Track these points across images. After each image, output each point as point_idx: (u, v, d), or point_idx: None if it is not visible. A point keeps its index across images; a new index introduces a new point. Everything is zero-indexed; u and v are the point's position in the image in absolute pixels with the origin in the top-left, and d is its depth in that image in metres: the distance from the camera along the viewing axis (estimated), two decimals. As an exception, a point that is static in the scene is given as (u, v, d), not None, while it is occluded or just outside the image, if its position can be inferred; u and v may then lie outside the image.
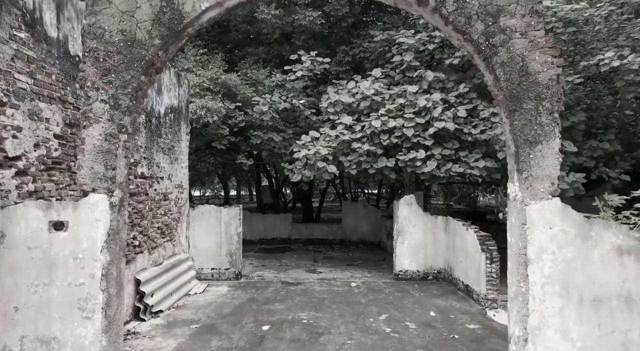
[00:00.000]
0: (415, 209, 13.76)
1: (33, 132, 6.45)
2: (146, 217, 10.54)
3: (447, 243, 13.44)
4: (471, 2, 5.31)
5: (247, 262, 16.24)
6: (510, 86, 5.28)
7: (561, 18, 12.63)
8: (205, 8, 5.36)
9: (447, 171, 13.19)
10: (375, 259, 17.43)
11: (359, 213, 21.39)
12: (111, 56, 5.32)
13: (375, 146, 13.61)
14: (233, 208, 13.81)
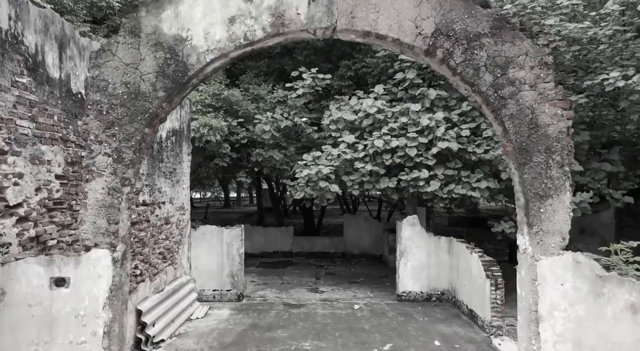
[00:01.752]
0: (418, 230, 13.68)
1: (34, 176, 6.37)
2: (147, 244, 10.46)
3: (450, 264, 13.36)
4: (479, 54, 5.23)
5: (249, 279, 16.16)
6: (520, 139, 5.20)
7: (565, 36, 12.55)
8: (210, 60, 5.28)
9: (449, 192, 13.11)
10: (378, 275, 17.34)
11: (360, 226, 21.30)
12: (115, 109, 5.23)
13: (377, 166, 13.52)
14: (235, 229, 13.72)
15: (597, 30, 12.66)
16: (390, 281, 15.71)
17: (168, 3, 5.25)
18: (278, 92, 16.54)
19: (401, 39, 5.27)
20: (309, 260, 20.46)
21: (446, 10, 5.24)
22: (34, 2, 6.45)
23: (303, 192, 14.05)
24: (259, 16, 5.30)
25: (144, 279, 10.16)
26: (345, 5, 5.26)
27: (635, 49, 12.52)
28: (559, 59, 13.23)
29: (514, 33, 5.21)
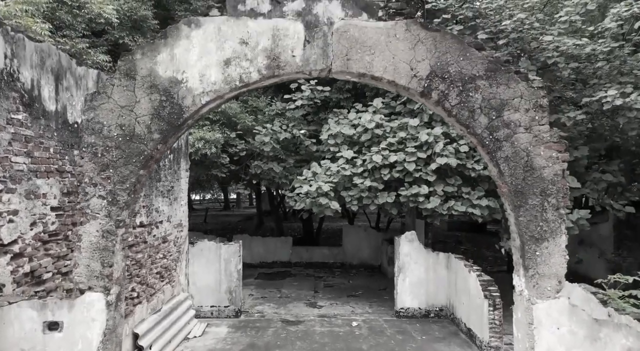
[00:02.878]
0: (417, 246, 13.69)
1: (30, 211, 6.36)
2: (145, 265, 10.45)
3: (448, 280, 13.36)
4: (474, 96, 5.22)
5: (247, 292, 16.14)
6: (515, 181, 5.19)
7: (563, 53, 12.55)
8: (205, 102, 5.27)
9: (449, 209, 13.11)
10: (376, 288, 17.34)
11: (359, 236, 21.29)
12: (109, 151, 5.23)
13: (376, 181, 13.53)
14: (233, 245, 13.73)
15: (595, 46, 12.66)
16: (389, 294, 15.70)
17: (163, 46, 5.24)
18: (276, 105, 16.53)
19: (396, 81, 5.27)
20: (307, 271, 20.47)
21: (441, 52, 5.23)
22: (30, 37, 6.45)
23: (303, 204, 14.06)
24: (255, 58, 5.29)
25: (141, 301, 10.15)
26: (341, 47, 5.26)
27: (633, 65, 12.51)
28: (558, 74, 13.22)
29: (509, 75, 5.20)
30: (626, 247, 17.41)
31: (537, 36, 12.91)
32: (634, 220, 16.73)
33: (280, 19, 5.29)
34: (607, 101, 11.41)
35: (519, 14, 13.01)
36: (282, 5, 5.25)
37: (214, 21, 5.29)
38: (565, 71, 12.81)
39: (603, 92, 11.93)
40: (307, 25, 5.28)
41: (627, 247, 17.38)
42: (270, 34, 5.27)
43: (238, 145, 15.55)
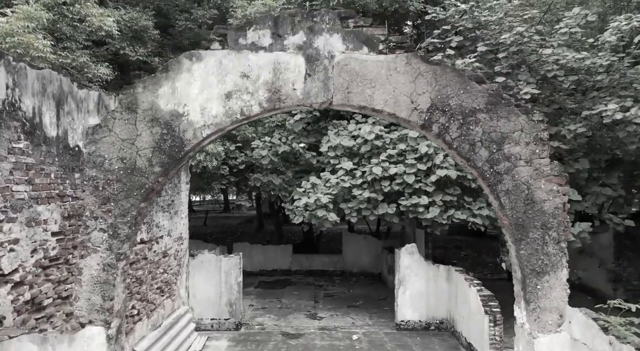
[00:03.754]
0: (417, 258, 13.70)
1: (30, 238, 6.36)
2: (145, 281, 10.45)
3: (449, 293, 13.37)
4: (475, 129, 5.23)
5: (247, 302, 16.14)
6: (516, 214, 5.20)
7: (563, 66, 12.57)
8: (206, 135, 5.28)
9: (449, 217, 13.14)
10: (376, 297, 17.35)
11: (359, 244, 21.31)
12: (111, 184, 5.24)
13: (375, 192, 13.56)
14: (233, 258, 13.74)
15: (595, 59, 12.68)
16: (389, 304, 15.71)
17: (165, 79, 5.25)
18: (276, 116, 16.53)
19: (397, 114, 5.28)
20: (307, 279, 20.48)
21: (442, 85, 5.24)
22: (32, 65, 6.45)
23: (302, 217, 14.08)
24: (256, 92, 5.30)
25: (141, 317, 10.15)
26: (342, 80, 5.27)
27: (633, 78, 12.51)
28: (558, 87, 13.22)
29: (509, 109, 5.21)
30: (626, 257, 17.42)
31: (536, 49, 12.92)
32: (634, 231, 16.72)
33: (281, 53, 5.30)
34: (607, 115, 11.43)
35: (518, 27, 13.02)
36: (283, 39, 5.26)
37: (215, 55, 5.30)
38: (565, 84, 12.82)
39: (603, 105, 11.94)
40: (308, 59, 5.29)
41: (627, 257, 17.39)
42: (272, 67, 5.29)
43: (238, 157, 15.56)
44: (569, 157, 12.79)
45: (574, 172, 12.60)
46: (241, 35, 5.30)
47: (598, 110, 11.64)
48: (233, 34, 5.30)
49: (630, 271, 17.33)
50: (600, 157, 13.50)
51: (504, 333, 10.66)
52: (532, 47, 13.00)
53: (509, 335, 11.23)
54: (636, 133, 11.54)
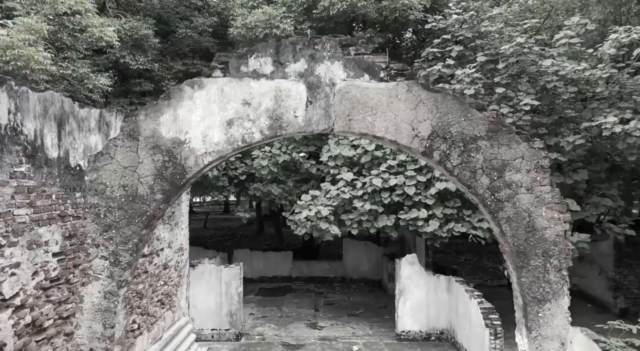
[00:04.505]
0: (418, 269, 13.72)
1: (31, 261, 6.36)
2: (146, 295, 10.46)
3: (449, 304, 13.38)
4: (476, 156, 5.24)
5: (248, 310, 16.15)
6: (517, 242, 5.21)
7: (562, 77, 12.59)
8: (208, 162, 5.29)
9: (449, 230, 13.15)
10: (377, 306, 17.37)
11: (359, 251, 21.32)
12: (112, 212, 5.25)
13: (376, 204, 13.56)
14: (233, 268, 13.76)
15: (595, 71, 12.69)
16: (390, 313, 15.72)
17: (167, 107, 5.26)
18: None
19: (398, 141, 5.29)
20: (308, 286, 20.48)
21: (442, 113, 5.25)
22: (34, 88, 6.45)
23: (303, 228, 14.09)
24: (257, 119, 5.32)
25: (142, 331, 10.16)
26: (343, 108, 5.28)
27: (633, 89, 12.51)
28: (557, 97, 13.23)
29: (510, 136, 5.22)
30: (626, 265, 17.44)
31: (536, 60, 12.94)
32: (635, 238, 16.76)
33: (282, 80, 5.31)
34: (606, 128, 11.45)
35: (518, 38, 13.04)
36: (285, 66, 5.27)
37: (217, 82, 5.31)
38: (564, 95, 12.84)
39: (602, 117, 11.96)
40: (309, 86, 5.30)
41: (628, 265, 17.41)
42: (273, 94, 5.30)
43: (238, 167, 15.57)
44: (568, 167, 12.81)
45: (572, 182, 12.62)
46: (243, 62, 5.31)
47: (597, 123, 11.66)
48: (235, 62, 5.31)
49: (631, 279, 17.35)
50: (599, 167, 13.51)
51: (505, 344, 10.68)
52: (532, 58, 13.02)
53: (510, 345, 11.26)
54: (636, 144, 11.56)
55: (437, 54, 15.11)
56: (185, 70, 18.26)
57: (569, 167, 12.90)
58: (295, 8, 16.19)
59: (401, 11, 15.62)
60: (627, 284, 17.25)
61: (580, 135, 12.18)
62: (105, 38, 13.93)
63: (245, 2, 17.06)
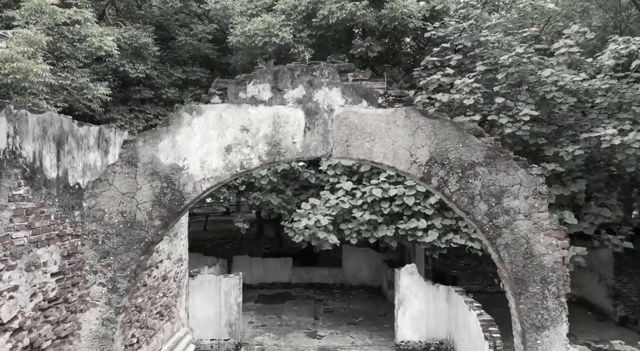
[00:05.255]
0: (417, 278, 13.73)
1: (30, 283, 6.36)
2: (145, 308, 10.46)
3: (449, 314, 13.40)
4: (474, 182, 5.25)
5: (247, 319, 16.14)
6: (515, 268, 5.22)
7: (562, 87, 12.59)
8: (206, 188, 5.30)
9: (448, 242, 13.17)
10: (376, 313, 17.37)
11: (359, 258, 21.32)
12: (110, 238, 5.25)
13: (375, 214, 13.57)
14: (233, 278, 13.76)
15: (594, 82, 12.70)
16: (389, 321, 15.72)
17: (165, 133, 5.27)
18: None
19: (396, 167, 5.30)
20: (307, 292, 20.48)
21: (440, 139, 5.26)
22: (33, 110, 6.45)
23: (302, 237, 14.10)
24: (255, 145, 5.32)
25: (141, 345, 10.16)
26: (341, 134, 5.28)
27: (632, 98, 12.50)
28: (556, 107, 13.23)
29: (508, 162, 5.23)
30: (626, 273, 17.44)
31: (535, 70, 12.95)
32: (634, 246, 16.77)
33: (281, 106, 5.32)
34: (605, 140, 11.46)
35: (517, 48, 13.05)
36: (283, 93, 5.27)
37: (215, 108, 5.32)
38: (564, 106, 12.85)
39: (602, 128, 11.96)
40: (307, 112, 5.31)
41: (627, 273, 17.41)
42: (271, 120, 5.30)
43: (238, 178, 15.56)
44: (567, 177, 12.82)
45: (570, 194, 12.63)
46: (241, 89, 5.31)
47: (597, 134, 11.67)
48: (233, 88, 5.31)
49: (630, 287, 17.35)
50: (598, 176, 13.52)
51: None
52: (531, 68, 13.02)
53: None
54: (635, 155, 11.57)
55: (437, 63, 15.13)
56: (185, 77, 18.27)
57: (567, 177, 12.91)
58: (295, 16, 16.19)
59: (400, 20, 15.63)
60: (626, 292, 17.24)
61: (580, 145, 12.19)
62: (104, 47, 13.93)
63: (245, 10, 17.05)
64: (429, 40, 16.35)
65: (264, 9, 17.29)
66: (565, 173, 12.37)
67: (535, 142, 12.51)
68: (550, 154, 12.41)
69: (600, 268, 17.56)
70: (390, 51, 18.10)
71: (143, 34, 16.50)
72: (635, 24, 20.67)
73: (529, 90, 13.16)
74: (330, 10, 15.46)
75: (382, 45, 16.58)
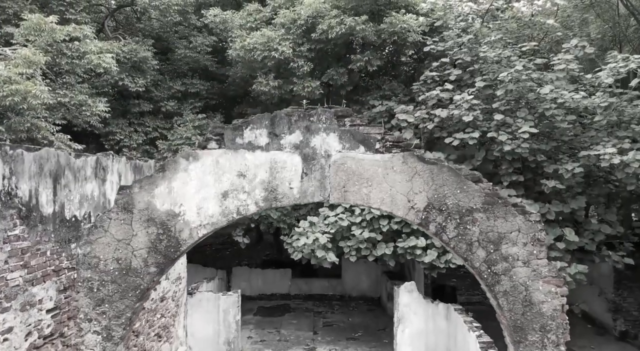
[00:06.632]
0: (416, 296, 13.70)
1: (25, 322, 6.30)
2: (142, 332, 10.40)
3: (448, 332, 13.36)
4: (472, 229, 5.21)
5: (246, 333, 16.10)
6: (514, 316, 5.18)
7: (561, 104, 12.57)
8: (202, 235, 5.26)
9: (447, 262, 13.14)
10: (376, 327, 17.34)
11: (358, 269, 21.28)
12: (105, 285, 5.22)
13: (374, 231, 13.54)
14: (231, 296, 13.74)
15: (593, 99, 12.67)
16: (388, 336, 15.69)
17: (161, 179, 5.23)
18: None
19: (394, 212, 5.27)
20: (306, 304, 20.42)
21: (438, 185, 5.22)
22: (29, 148, 6.40)
23: (301, 254, 14.08)
24: (252, 191, 5.28)
25: (139, 369, 10.11)
26: (338, 179, 5.25)
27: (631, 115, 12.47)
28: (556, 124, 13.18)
29: (506, 209, 5.19)
30: (626, 287, 17.40)
31: (534, 87, 12.92)
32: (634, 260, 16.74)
33: (278, 152, 5.28)
34: (604, 158, 11.43)
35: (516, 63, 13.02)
36: (280, 138, 5.24)
37: (212, 154, 5.28)
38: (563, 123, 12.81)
39: (601, 146, 11.94)
40: (304, 158, 5.27)
41: (627, 287, 17.37)
42: (268, 166, 5.27)
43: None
44: (567, 193, 12.78)
45: (570, 211, 12.60)
46: (238, 134, 5.28)
47: (597, 153, 11.64)
48: (230, 133, 5.27)
49: (630, 301, 17.31)
50: (598, 190, 13.49)
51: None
52: (530, 85, 12.98)
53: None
54: (635, 174, 11.54)
55: (436, 78, 15.10)
56: (184, 90, 18.24)
57: (567, 193, 12.87)
58: (294, 30, 16.14)
59: (400, 34, 15.59)
60: (626, 306, 17.20)
61: (579, 163, 12.17)
62: (103, 65, 13.91)
63: (244, 23, 17.00)
64: (428, 53, 16.31)
65: (263, 22, 17.24)
66: (565, 190, 12.34)
67: (535, 159, 12.49)
68: (550, 171, 12.38)
69: (600, 282, 17.53)
70: (389, 64, 18.06)
71: (142, 47, 16.46)
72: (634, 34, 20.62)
73: (527, 105, 13.13)
74: (329, 25, 15.42)
75: (381, 59, 16.54)
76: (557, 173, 12.13)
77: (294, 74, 16.33)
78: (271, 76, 16.26)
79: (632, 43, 20.84)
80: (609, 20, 20.31)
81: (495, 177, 13.45)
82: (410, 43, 16.37)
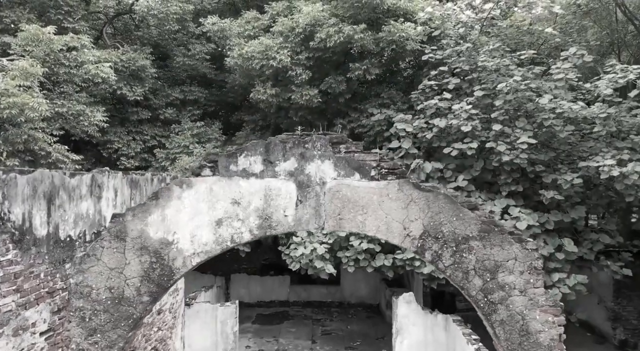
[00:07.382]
0: (415, 307, 13.64)
1: (17, 348, 6.25)
2: (139, 346, 10.36)
3: (447, 344, 13.30)
4: (468, 257, 5.16)
5: (244, 342, 16.05)
6: (511, 346, 5.13)
7: (560, 115, 12.52)
8: (196, 263, 5.21)
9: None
10: (374, 336, 17.29)
11: (357, 275, 21.18)
12: (98, 315, 5.17)
13: (373, 243, 13.47)
14: (229, 307, 13.68)
15: (592, 109, 12.63)
16: (387, 345, 15.63)
17: (154, 207, 5.18)
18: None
19: (389, 240, 5.22)
20: (305, 311, 20.37)
21: (434, 212, 5.17)
22: (22, 171, 6.35)
23: (298, 264, 14.02)
24: (246, 218, 5.23)
25: (136, 385, 10.06)
26: (333, 207, 5.20)
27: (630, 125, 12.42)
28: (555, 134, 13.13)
29: (503, 237, 5.14)
30: (625, 295, 17.34)
31: (533, 97, 12.88)
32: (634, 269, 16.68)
33: (272, 179, 5.23)
34: (603, 170, 11.39)
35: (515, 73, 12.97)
36: (275, 165, 5.19)
37: (206, 181, 5.23)
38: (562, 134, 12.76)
39: (600, 157, 11.89)
40: (299, 185, 5.22)
41: (627, 296, 17.31)
42: (263, 193, 5.22)
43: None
44: (566, 203, 12.74)
45: (570, 221, 12.56)
46: (232, 161, 5.23)
47: (596, 164, 11.59)
48: (224, 161, 5.23)
49: (630, 310, 17.25)
50: (597, 200, 13.45)
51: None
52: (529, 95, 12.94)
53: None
54: (634, 185, 11.49)
55: (434, 87, 15.05)
56: (183, 97, 18.21)
57: (566, 203, 12.83)
58: (292, 38, 16.09)
59: (398, 42, 15.55)
60: (626, 315, 17.15)
61: (578, 173, 12.13)
62: (101, 74, 13.88)
63: (242, 31, 16.96)
64: (427, 62, 16.25)
65: (261, 30, 17.19)
66: (564, 200, 12.30)
67: (533, 169, 12.46)
68: (549, 182, 12.35)
69: (600, 290, 17.48)
70: (388, 72, 18.00)
71: (141, 55, 16.42)
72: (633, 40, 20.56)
73: (526, 114, 13.09)
74: (327, 34, 15.37)
75: (380, 67, 16.49)
76: (556, 183, 12.09)
77: (292, 82, 16.28)
78: (269, 84, 16.21)
79: (630, 48, 20.79)
80: (606, 27, 20.28)
81: (494, 186, 13.40)
82: (408, 51, 16.32)
